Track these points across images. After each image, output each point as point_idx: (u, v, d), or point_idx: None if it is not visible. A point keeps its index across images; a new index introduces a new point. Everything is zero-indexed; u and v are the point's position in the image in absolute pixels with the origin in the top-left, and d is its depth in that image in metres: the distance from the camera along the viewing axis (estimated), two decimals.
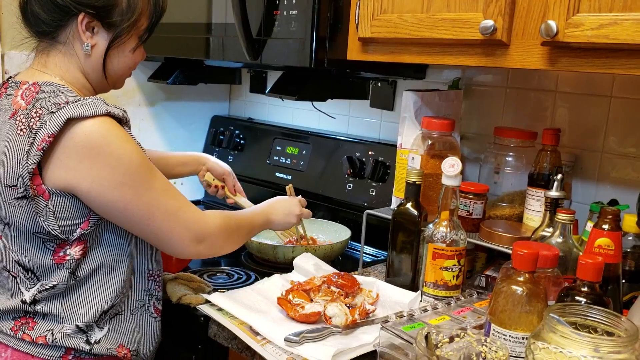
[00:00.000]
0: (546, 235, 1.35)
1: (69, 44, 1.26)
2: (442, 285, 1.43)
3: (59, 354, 1.24)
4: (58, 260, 1.22)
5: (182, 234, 1.26)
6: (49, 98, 1.18)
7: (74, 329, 1.24)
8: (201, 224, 1.28)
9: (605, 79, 1.58)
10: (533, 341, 1.00)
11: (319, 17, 1.53)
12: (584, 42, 1.11)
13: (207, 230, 1.29)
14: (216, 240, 1.32)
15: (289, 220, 1.60)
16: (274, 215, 1.57)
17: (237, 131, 2.47)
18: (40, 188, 1.16)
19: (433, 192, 1.60)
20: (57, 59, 1.27)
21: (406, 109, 1.68)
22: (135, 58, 1.34)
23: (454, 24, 1.30)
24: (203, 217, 1.30)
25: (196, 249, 1.29)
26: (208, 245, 1.30)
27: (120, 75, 1.35)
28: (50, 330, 1.24)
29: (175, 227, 1.25)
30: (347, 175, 2.05)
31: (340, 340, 1.28)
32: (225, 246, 1.37)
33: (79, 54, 1.27)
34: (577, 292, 1.13)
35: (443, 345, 1.09)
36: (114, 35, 1.26)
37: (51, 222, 1.18)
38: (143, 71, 2.36)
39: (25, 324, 1.25)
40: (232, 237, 1.38)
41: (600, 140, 1.60)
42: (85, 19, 1.23)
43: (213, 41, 1.85)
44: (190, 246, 1.27)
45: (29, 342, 1.24)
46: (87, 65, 1.28)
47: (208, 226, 1.30)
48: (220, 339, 1.39)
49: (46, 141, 1.12)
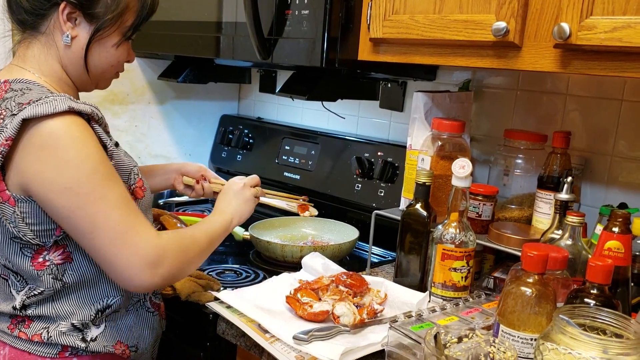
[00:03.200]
0: (555, 237, 1.35)
1: (49, 34, 1.22)
2: (451, 286, 1.43)
3: (56, 351, 1.23)
4: (38, 267, 1.19)
5: (130, 259, 1.11)
6: (15, 97, 1.14)
7: (69, 327, 1.22)
8: (155, 248, 1.13)
9: (616, 82, 1.58)
10: (542, 342, 1.00)
11: (330, 17, 1.53)
12: (597, 45, 1.11)
13: (161, 255, 1.14)
14: (173, 265, 1.17)
15: (248, 207, 1.47)
16: (230, 209, 1.43)
17: (246, 130, 2.48)
18: (5, 194, 1.12)
19: (442, 193, 1.60)
20: (35, 50, 1.23)
21: (416, 109, 1.68)
22: (118, 56, 1.28)
23: (466, 25, 1.31)
24: (158, 240, 1.15)
25: (151, 278, 1.13)
26: (164, 273, 1.15)
27: (102, 72, 1.28)
28: (46, 328, 1.22)
29: (122, 250, 1.11)
30: (355, 176, 2.05)
31: (348, 339, 1.29)
32: (184, 270, 1.23)
33: (59, 45, 1.22)
34: (587, 294, 1.13)
35: (451, 346, 1.09)
36: (96, 27, 1.21)
37: (22, 228, 1.14)
38: (153, 69, 2.37)
39: (21, 322, 1.23)
40: (190, 258, 1.23)
41: (610, 143, 1.60)
42: (66, 9, 1.18)
43: (223, 40, 1.86)
44: (142, 274, 1.12)
45: (26, 340, 1.22)
46: (66, 57, 1.23)
47: (163, 250, 1.15)
48: (228, 336, 1.39)
49: (4, 145, 1.08)
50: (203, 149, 2.60)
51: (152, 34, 2.15)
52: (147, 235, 1.14)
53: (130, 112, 2.36)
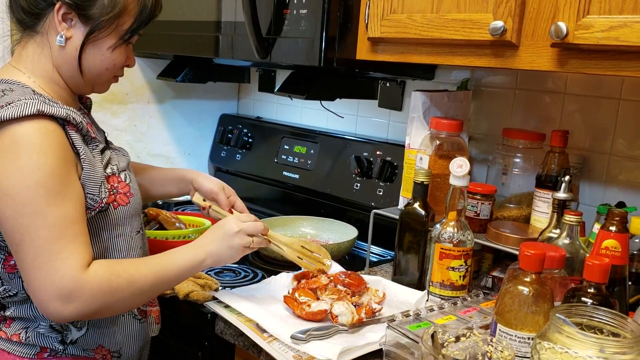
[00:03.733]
0: (553, 236, 1.35)
1: (44, 34, 1.21)
2: (449, 285, 1.43)
3: (34, 351, 1.22)
4: (9, 270, 1.18)
5: (44, 284, 1.07)
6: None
7: (48, 329, 1.22)
8: (73, 281, 1.07)
9: (614, 81, 1.58)
10: (539, 341, 1.00)
11: (328, 16, 1.53)
12: (594, 44, 1.11)
13: (77, 288, 1.08)
14: (91, 302, 1.09)
15: (229, 253, 1.31)
16: (209, 247, 1.29)
17: (245, 130, 2.48)
18: None
19: (441, 192, 1.60)
20: (30, 50, 1.22)
21: (415, 109, 1.68)
22: (114, 59, 1.24)
23: (463, 24, 1.31)
24: (78, 273, 1.08)
25: (60, 311, 1.08)
26: (77, 308, 1.08)
27: (96, 74, 1.25)
28: (25, 328, 1.22)
29: (39, 273, 1.07)
30: (354, 175, 2.05)
31: (346, 339, 1.29)
32: (111, 307, 1.15)
33: (52, 46, 1.21)
34: (584, 293, 1.13)
35: (449, 345, 1.09)
36: (90, 28, 1.19)
37: None
38: (152, 69, 2.37)
39: (2, 321, 1.23)
40: (118, 296, 1.14)
41: (608, 142, 1.60)
42: (62, 9, 1.17)
43: (222, 39, 1.86)
44: (51, 304, 1.07)
45: (5, 339, 1.22)
46: (59, 58, 1.21)
47: (81, 285, 1.08)
48: (226, 335, 1.39)
49: None
50: (202, 148, 2.61)
51: (151, 34, 2.15)
52: (70, 264, 1.08)
53: (130, 111, 2.37)
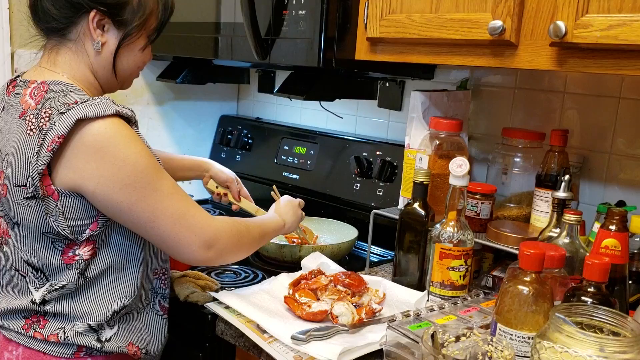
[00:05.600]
0: (553, 235, 1.35)
1: (79, 42, 1.25)
2: (449, 285, 1.43)
3: (72, 351, 1.25)
4: (67, 261, 1.22)
5: (190, 238, 1.22)
6: (58, 98, 1.18)
7: (85, 328, 1.25)
8: (210, 228, 1.25)
9: (614, 80, 1.58)
10: (539, 340, 1.00)
11: (327, 17, 1.53)
12: (593, 43, 1.11)
13: (216, 235, 1.26)
14: (226, 246, 1.28)
15: (297, 221, 1.63)
16: (286, 217, 1.57)
17: (245, 131, 2.48)
18: (50, 189, 1.16)
19: (440, 192, 1.60)
20: (67, 56, 1.27)
21: (414, 109, 1.68)
22: (144, 58, 1.34)
23: (462, 24, 1.31)
24: (212, 222, 1.27)
25: (205, 254, 1.25)
26: (217, 251, 1.26)
27: (129, 74, 1.35)
28: (62, 328, 1.24)
29: (181, 232, 1.22)
30: (354, 175, 2.05)
31: (346, 339, 1.29)
32: (236, 253, 1.34)
33: (89, 52, 1.26)
34: (584, 293, 1.13)
35: (449, 345, 1.09)
36: (125, 33, 1.26)
37: (61, 223, 1.18)
38: (152, 70, 2.37)
39: (36, 322, 1.25)
40: (243, 243, 1.35)
41: (608, 141, 1.60)
42: (96, 16, 1.22)
43: (222, 41, 1.86)
44: (199, 252, 1.24)
45: (41, 340, 1.24)
46: (96, 63, 1.28)
47: (217, 231, 1.26)
48: (227, 336, 1.39)
49: (56, 142, 1.13)
50: (202, 149, 2.61)
51: None
52: (203, 217, 1.25)
53: None
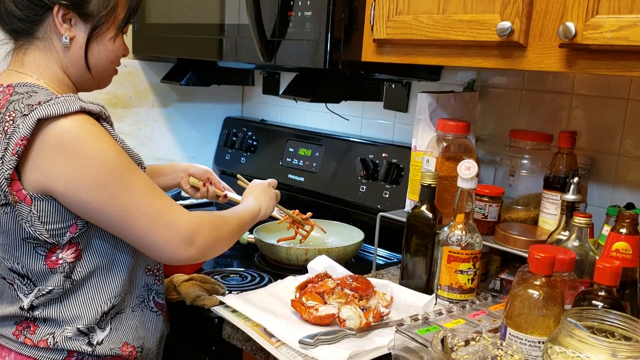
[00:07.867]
0: (562, 238, 1.34)
1: (47, 39, 1.23)
2: (457, 288, 1.42)
3: (62, 356, 1.23)
4: (51, 265, 1.20)
5: (168, 236, 1.18)
6: (22, 100, 1.15)
7: (75, 332, 1.23)
8: (188, 225, 1.20)
9: (622, 82, 1.56)
10: (550, 345, 0.99)
11: (333, 18, 1.52)
12: (603, 45, 1.10)
13: (195, 231, 1.21)
14: (206, 240, 1.24)
15: (273, 202, 1.58)
16: (259, 200, 1.52)
17: (249, 133, 2.47)
18: (21, 193, 1.14)
19: (448, 194, 1.59)
20: (34, 56, 1.24)
21: (421, 110, 1.67)
22: (116, 50, 1.29)
23: (470, 25, 1.30)
24: (190, 217, 1.22)
25: (186, 252, 1.21)
26: (198, 248, 1.22)
27: (103, 69, 1.30)
28: (52, 333, 1.23)
29: (158, 230, 1.17)
30: (360, 178, 2.04)
31: (354, 343, 1.28)
32: (217, 246, 1.29)
33: (58, 49, 1.23)
34: (594, 296, 1.12)
35: (458, 349, 1.08)
36: (93, 25, 1.23)
37: (38, 228, 1.16)
38: (156, 72, 2.37)
39: (26, 328, 1.24)
40: (222, 235, 1.30)
41: (616, 143, 1.59)
42: (60, 11, 1.20)
43: (226, 42, 1.85)
44: (179, 250, 1.19)
45: (31, 346, 1.23)
46: (66, 59, 1.25)
47: (196, 226, 1.22)
48: (234, 340, 1.39)
49: (20, 145, 1.10)
50: (207, 151, 2.60)
51: (155, 37, 2.15)
52: (180, 214, 1.21)
53: (133, 115, 2.36)
